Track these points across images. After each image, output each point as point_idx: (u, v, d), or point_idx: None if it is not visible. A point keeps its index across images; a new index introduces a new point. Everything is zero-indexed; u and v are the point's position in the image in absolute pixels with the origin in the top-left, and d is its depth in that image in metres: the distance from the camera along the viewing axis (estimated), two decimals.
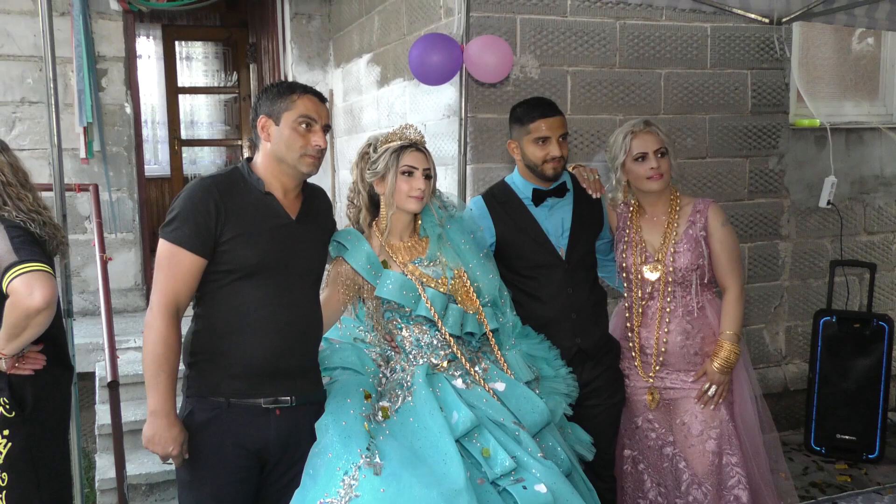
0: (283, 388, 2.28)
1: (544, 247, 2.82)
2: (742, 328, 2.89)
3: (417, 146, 2.48)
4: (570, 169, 2.97)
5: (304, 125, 2.26)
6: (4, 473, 2.18)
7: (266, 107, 2.28)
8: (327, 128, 2.32)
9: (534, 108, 2.81)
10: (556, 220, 2.86)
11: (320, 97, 2.33)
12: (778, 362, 4.81)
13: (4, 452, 2.18)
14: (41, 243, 2.18)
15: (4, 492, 2.19)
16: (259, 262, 2.23)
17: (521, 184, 2.88)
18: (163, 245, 2.21)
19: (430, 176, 2.47)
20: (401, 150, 2.45)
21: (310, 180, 2.43)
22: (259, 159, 2.32)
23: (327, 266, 2.52)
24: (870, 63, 5.21)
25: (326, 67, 5.98)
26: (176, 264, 2.19)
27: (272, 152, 2.28)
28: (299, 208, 2.36)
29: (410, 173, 2.44)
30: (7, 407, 2.17)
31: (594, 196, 2.93)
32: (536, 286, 2.82)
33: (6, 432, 2.18)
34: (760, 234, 4.65)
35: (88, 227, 5.23)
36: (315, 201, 2.45)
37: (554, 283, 2.81)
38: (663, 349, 2.88)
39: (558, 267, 2.82)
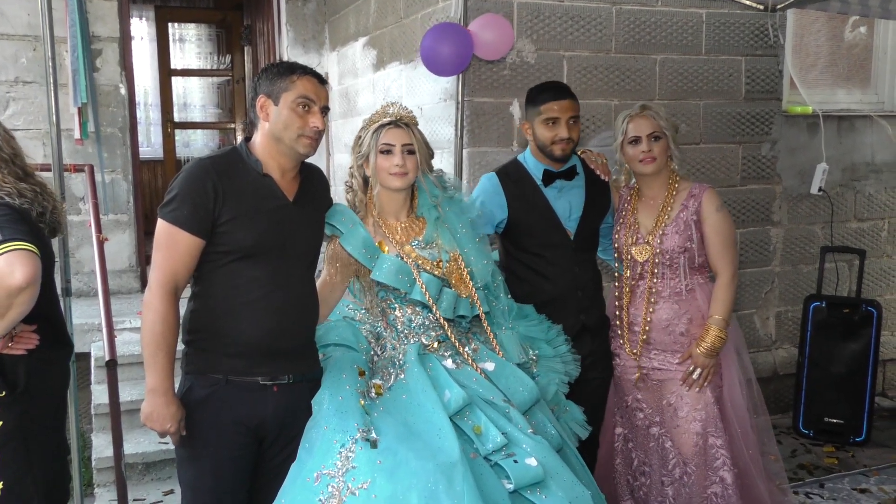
0: (280, 368, 2.30)
1: (554, 227, 2.89)
2: (732, 314, 2.92)
3: (397, 123, 2.47)
4: (578, 154, 3.03)
5: (302, 106, 2.26)
6: None
7: (265, 86, 2.28)
8: (326, 109, 2.32)
9: (545, 91, 2.89)
10: (564, 203, 2.92)
11: (320, 78, 2.33)
12: (768, 347, 4.86)
13: None
14: (27, 219, 2.16)
15: None
16: (256, 243, 2.24)
17: (532, 164, 2.94)
18: (161, 225, 2.21)
19: (412, 151, 2.46)
20: (380, 128, 2.46)
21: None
22: (257, 139, 2.33)
23: (323, 247, 2.54)
24: (862, 51, 5.23)
25: (322, 50, 5.96)
26: (174, 245, 2.20)
27: (270, 132, 2.29)
28: (297, 190, 2.37)
29: (389, 151, 2.44)
30: None
31: (604, 178, 3.00)
32: (544, 264, 2.89)
33: None
34: (752, 219, 4.68)
35: (83, 208, 5.21)
36: (313, 182, 2.45)
37: (562, 262, 2.89)
38: (647, 328, 2.93)
39: (566, 247, 2.90)
